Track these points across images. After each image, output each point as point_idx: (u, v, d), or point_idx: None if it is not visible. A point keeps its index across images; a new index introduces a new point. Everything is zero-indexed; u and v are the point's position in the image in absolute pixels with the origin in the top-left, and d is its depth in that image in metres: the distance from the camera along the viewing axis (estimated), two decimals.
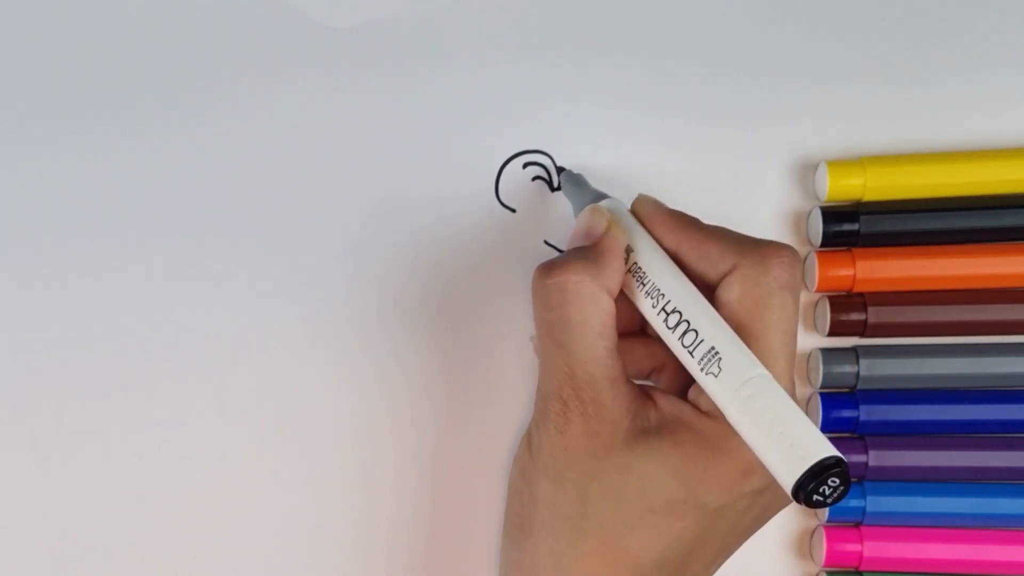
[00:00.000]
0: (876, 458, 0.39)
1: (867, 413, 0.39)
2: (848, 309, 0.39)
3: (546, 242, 0.40)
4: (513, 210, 0.40)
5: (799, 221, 0.40)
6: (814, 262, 0.39)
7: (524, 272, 0.40)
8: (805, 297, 0.40)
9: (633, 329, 0.36)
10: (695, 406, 0.34)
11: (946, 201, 0.39)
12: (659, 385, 0.37)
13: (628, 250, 0.34)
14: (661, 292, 0.33)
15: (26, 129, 0.40)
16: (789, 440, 0.29)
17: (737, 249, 0.33)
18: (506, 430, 0.40)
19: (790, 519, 0.40)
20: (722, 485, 0.32)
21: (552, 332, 0.33)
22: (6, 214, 0.40)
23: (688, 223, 0.35)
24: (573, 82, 0.40)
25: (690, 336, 0.32)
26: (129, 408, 0.40)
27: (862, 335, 0.40)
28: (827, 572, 0.40)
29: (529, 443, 0.35)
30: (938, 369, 0.39)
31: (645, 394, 0.34)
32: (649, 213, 0.35)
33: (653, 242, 0.35)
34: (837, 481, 0.28)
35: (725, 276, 0.33)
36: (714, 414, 0.33)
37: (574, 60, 0.40)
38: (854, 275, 0.39)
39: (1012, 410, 0.39)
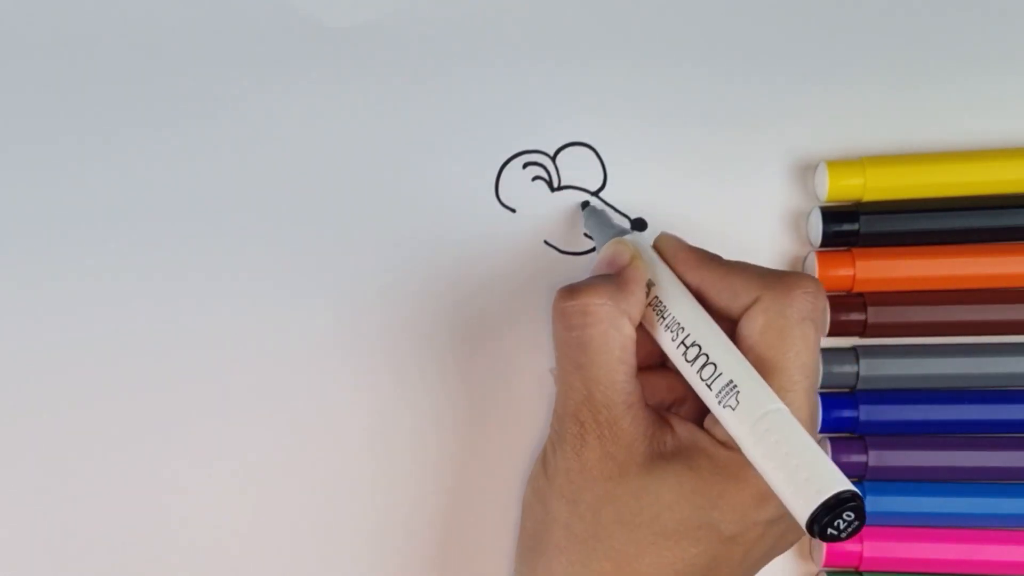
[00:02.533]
0: (876, 458, 0.39)
1: (867, 413, 0.39)
2: (848, 309, 0.39)
3: (546, 242, 0.40)
4: (513, 210, 0.40)
5: (799, 221, 0.40)
6: (814, 262, 0.39)
7: (524, 272, 0.40)
8: None
9: (653, 363, 0.36)
10: (711, 435, 0.34)
11: (946, 201, 0.39)
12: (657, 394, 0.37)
13: (649, 284, 0.35)
14: (680, 326, 0.33)
15: (26, 130, 0.41)
16: (804, 474, 0.29)
17: (760, 281, 0.33)
18: (508, 433, 0.40)
19: None
20: (736, 512, 0.33)
21: (571, 354, 0.34)
22: (7, 214, 0.40)
23: (711, 259, 0.35)
24: (573, 82, 0.40)
25: (708, 369, 0.32)
26: (138, 409, 0.40)
27: (862, 335, 0.40)
28: (827, 572, 0.40)
29: (545, 463, 0.35)
30: (938, 369, 0.39)
31: (662, 419, 0.34)
32: (671, 249, 0.36)
33: (674, 276, 0.35)
34: (852, 515, 0.28)
35: (748, 309, 0.33)
36: (730, 444, 0.33)
37: (574, 61, 0.40)
38: (854, 275, 0.39)
39: (1012, 410, 0.39)
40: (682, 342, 0.33)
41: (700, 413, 0.35)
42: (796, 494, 0.29)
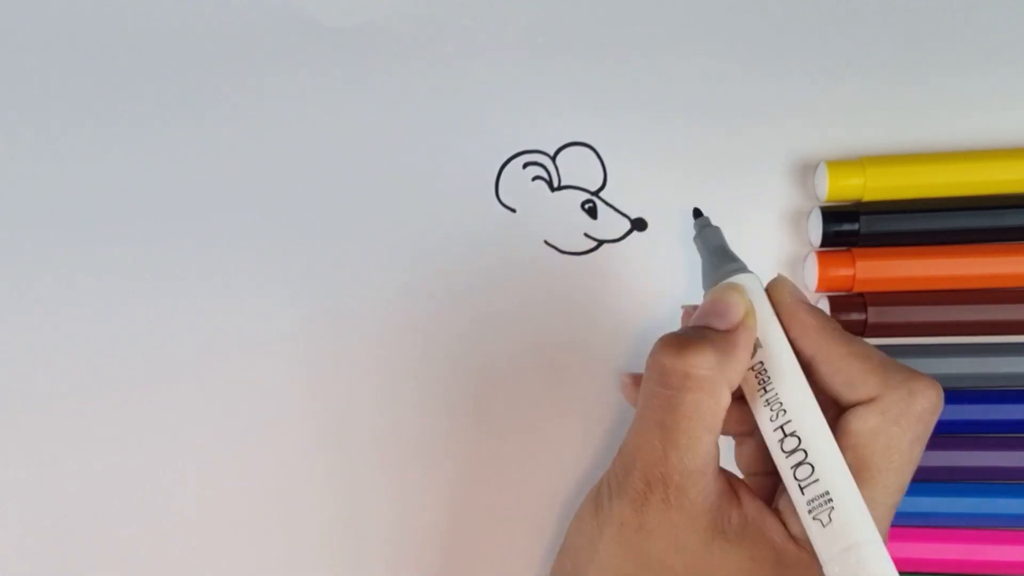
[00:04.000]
0: None
1: None
2: (848, 309, 0.39)
3: (546, 242, 0.40)
4: (513, 210, 0.40)
5: (799, 221, 0.40)
6: (814, 262, 0.39)
7: (524, 273, 0.40)
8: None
9: (743, 429, 0.34)
10: (783, 522, 0.31)
11: (946, 201, 0.39)
12: (741, 451, 0.35)
13: (757, 344, 0.32)
14: (783, 408, 0.31)
15: (26, 129, 0.41)
16: None
17: (884, 377, 0.31)
18: (508, 441, 0.40)
19: None
20: None
21: (658, 410, 0.31)
22: (7, 214, 0.40)
23: (832, 331, 0.32)
24: (573, 82, 0.40)
25: (805, 469, 0.30)
26: (133, 408, 0.40)
27: (862, 335, 0.40)
28: None
29: (598, 506, 0.33)
30: (938, 369, 0.39)
31: (732, 491, 0.32)
32: (788, 307, 0.32)
33: (787, 344, 0.32)
34: None
35: (862, 403, 0.31)
36: (801, 542, 0.31)
37: (574, 60, 0.40)
38: (854, 275, 0.39)
39: (1012, 410, 0.39)
40: (781, 427, 0.30)
41: (765, 463, 0.33)
42: None
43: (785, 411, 0.31)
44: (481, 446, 0.40)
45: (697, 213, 0.37)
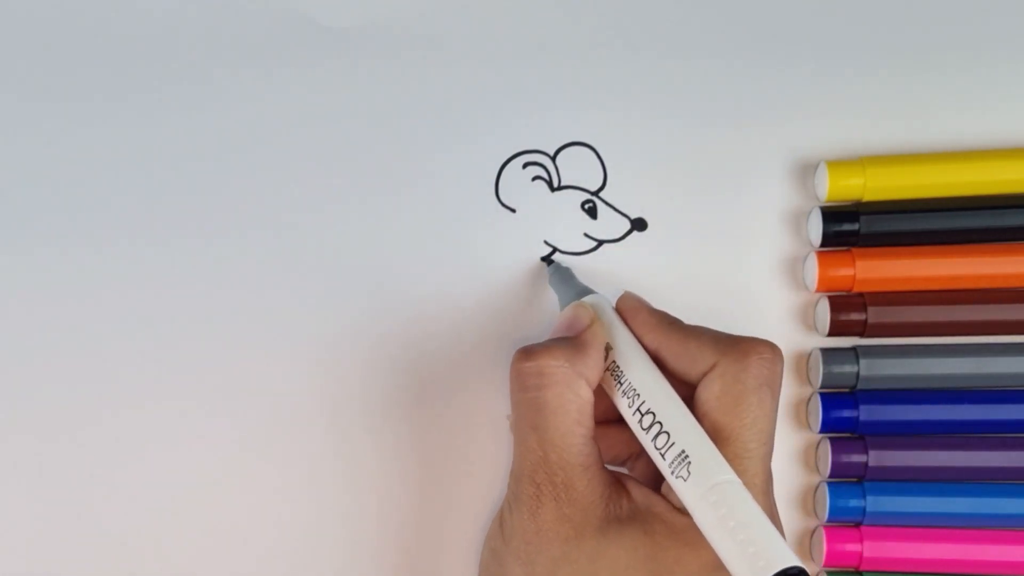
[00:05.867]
0: (876, 458, 0.39)
1: (867, 413, 0.39)
2: (848, 309, 0.39)
3: (546, 242, 0.40)
4: (513, 210, 0.40)
5: (799, 221, 0.40)
6: (814, 262, 0.39)
7: (524, 273, 0.40)
8: (805, 297, 0.40)
9: (612, 417, 0.36)
10: (667, 500, 0.34)
11: (946, 201, 0.39)
12: (634, 472, 0.37)
13: (608, 348, 0.35)
14: (637, 392, 0.33)
15: (25, 128, 0.41)
16: (752, 548, 0.29)
17: (716, 347, 0.33)
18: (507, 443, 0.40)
19: (789, 520, 0.40)
20: None
21: (528, 415, 0.33)
22: (7, 214, 0.40)
23: (670, 323, 0.35)
24: (573, 82, 0.40)
25: (662, 438, 0.32)
26: (130, 407, 0.40)
27: (862, 335, 0.40)
28: (827, 572, 0.40)
29: (501, 523, 0.35)
30: (938, 369, 0.39)
31: (618, 482, 0.34)
32: (631, 311, 0.36)
33: (633, 341, 0.35)
34: None
35: (705, 374, 0.33)
36: (685, 511, 0.33)
37: (574, 60, 0.40)
38: (854, 275, 0.39)
39: (1012, 410, 0.39)
40: (638, 409, 0.33)
41: (656, 471, 0.35)
42: (743, 567, 0.29)
43: (639, 394, 0.33)
44: (480, 445, 0.40)
45: (549, 262, 0.40)
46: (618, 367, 0.34)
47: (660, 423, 0.33)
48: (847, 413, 0.39)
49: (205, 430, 0.40)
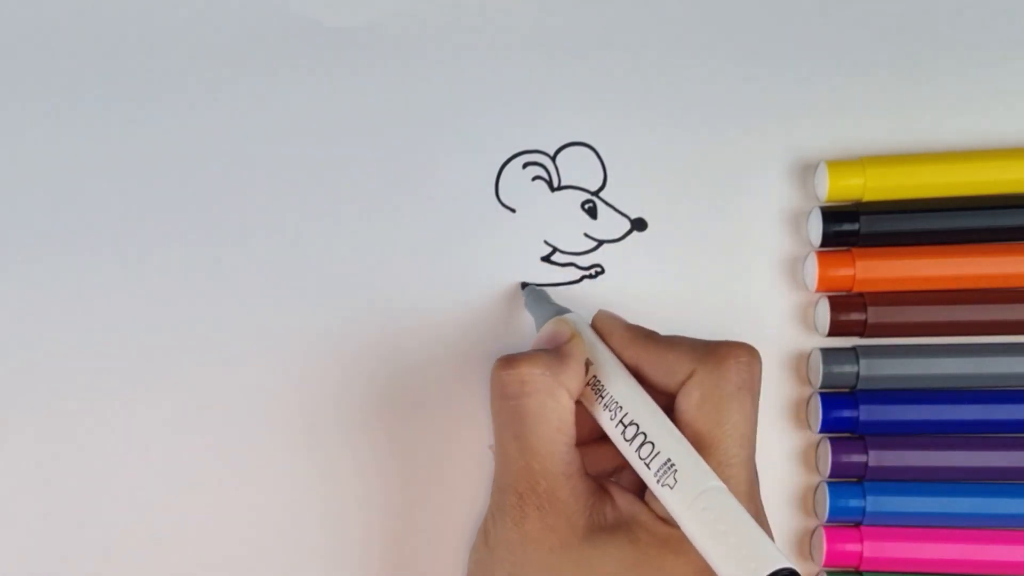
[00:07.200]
0: (876, 458, 0.39)
1: (867, 413, 0.39)
2: (848, 309, 0.39)
3: (546, 242, 0.40)
4: (513, 210, 0.40)
5: (799, 221, 0.40)
6: (814, 262, 0.39)
7: (523, 273, 0.40)
8: (805, 297, 0.40)
9: (595, 436, 0.36)
10: (651, 509, 0.34)
11: (946, 201, 0.39)
12: (621, 483, 0.36)
13: (588, 363, 0.35)
14: (619, 404, 0.34)
15: (26, 130, 0.41)
16: (743, 551, 0.29)
17: (693, 355, 0.33)
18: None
19: (789, 520, 0.40)
20: None
21: (509, 423, 0.33)
22: (8, 214, 0.40)
23: (646, 336, 0.35)
24: (573, 82, 0.40)
25: (647, 448, 0.32)
26: (128, 406, 0.40)
27: (862, 335, 0.40)
28: (827, 572, 0.40)
29: (486, 534, 0.35)
30: (938, 369, 0.39)
31: (603, 490, 0.34)
32: (608, 328, 0.36)
33: (612, 355, 0.35)
34: None
35: (684, 383, 0.33)
36: (670, 521, 0.33)
37: (574, 60, 0.40)
38: (854, 275, 0.39)
39: (1012, 410, 0.39)
40: (620, 421, 0.33)
41: (641, 482, 0.35)
42: (735, 570, 0.29)
43: (621, 407, 0.33)
44: (465, 454, 0.40)
45: (524, 285, 0.40)
46: (599, 381, 0.34)
47: (644, 434, 0.33)
48: (847, 413, 0.39)
49: (187, 436, 0.40)
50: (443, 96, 0.40)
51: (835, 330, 0.39)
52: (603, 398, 0.34)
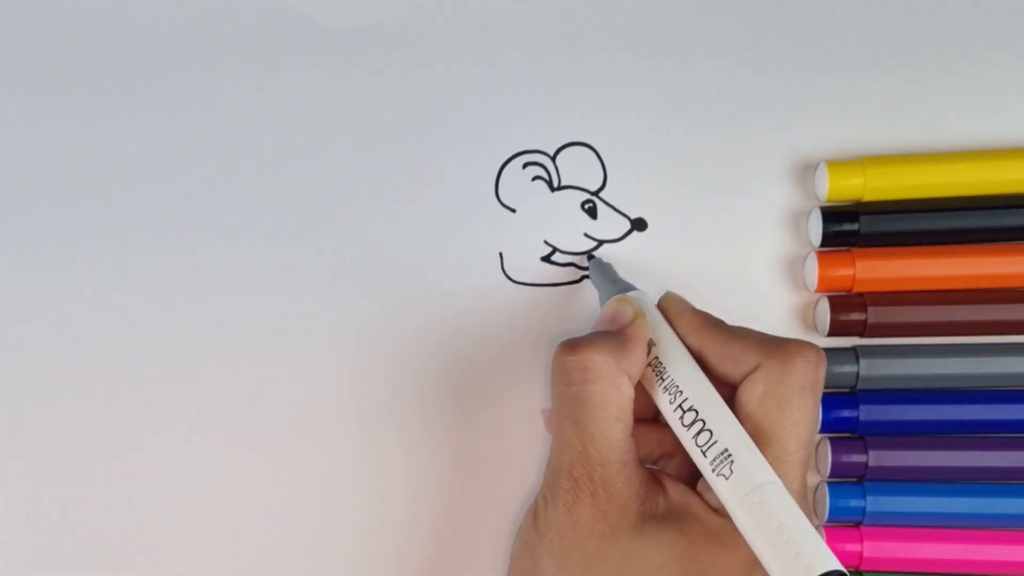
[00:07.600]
0: (876, 458, 0.39)
1: (867, 413, 0.39)
2: (848, 309, 0.39)
3: (546, 242, 0.40)
4: (513, 210, 0.40)
5: (799, 221, 0.40)
6: (814, 262, 0.39)
7: (524, 272, 0.40)
8: (805, 297, 0.40)
9: (646, 416, 0.36)
10: (704, 499, 0.34)
11: (946, 201, 0.39)
12: (668, 471, 0.36)
13: (650, 344, 0.35)
14: (679, 389, 0.33)
15: (25, 128, 0.41)
16: (794, 550, 0.29)
17: (761, 348, 0.33)
18: (511, 437, 0.40)
19: None
20: None
21: (569, 409, 0.33)
22: (8, 214, 0.40)
23: (714, 324, 0.35)
24: (573, 82, 0.40)
25: (704, 436, 0.32)
26: (128, 407, 0.40)
27: (862, 335, 0.40)
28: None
29: (535, 517, 0.35)
30: (938, 369, 0.39)
31: (656, 480, 0.34)
32: (675, 311, 0.36)
33: (676, 338, 0.35)
34: None
35: (748, 375, 0.33)
36: (722, 511, 0.33)
37: (574, 60, 0.40)
38: (854, 275, 0.39)
39: (1012, 410, 0.39)
40: (679, 405, 0.33)
41: (691, 471, 0.35)
42: (784, 569, 0.29)
43: (681, 391, 0.33)
44: (481, 447, 0.40)
45: (590, 257, 0.40)
46: (660, 363, 0.34)
47: (703, 420, 0.32)
48: (847, 413, 0.39)
49: (231, 433, 0.40)
50: (443, 96, 0.40)
51: (835, 330, 0.39)
52: (663, 380, 0.34)
